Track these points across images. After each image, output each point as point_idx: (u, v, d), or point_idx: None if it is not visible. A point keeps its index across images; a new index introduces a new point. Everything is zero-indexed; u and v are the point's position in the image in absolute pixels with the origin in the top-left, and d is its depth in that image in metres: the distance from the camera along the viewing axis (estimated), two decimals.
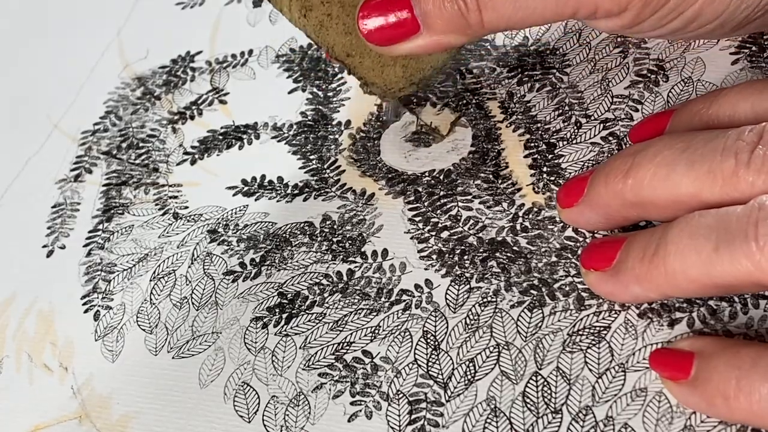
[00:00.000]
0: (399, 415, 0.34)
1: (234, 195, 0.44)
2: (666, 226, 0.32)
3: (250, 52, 0.50)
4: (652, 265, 0.32)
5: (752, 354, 0.30)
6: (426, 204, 0.40)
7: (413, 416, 0.34)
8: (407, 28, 0.37)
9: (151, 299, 0.41)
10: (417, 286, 0.38)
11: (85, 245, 0.44)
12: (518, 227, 0.38)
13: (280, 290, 0.39)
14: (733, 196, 0.31)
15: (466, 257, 0.38)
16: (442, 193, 0.41)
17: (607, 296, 0.35)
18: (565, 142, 0.41)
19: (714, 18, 0.36)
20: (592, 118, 0.41)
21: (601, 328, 0.35)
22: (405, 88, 0.41)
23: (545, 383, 0.34)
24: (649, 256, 0.32)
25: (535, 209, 0.39)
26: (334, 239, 0.40)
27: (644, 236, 0.33)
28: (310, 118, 0.46)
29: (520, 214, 0.39)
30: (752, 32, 0.40)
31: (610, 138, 0.40)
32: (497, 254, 0.38)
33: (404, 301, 0.37)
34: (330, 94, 0.47)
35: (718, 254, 0.30)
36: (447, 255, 0.38)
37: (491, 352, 0.35)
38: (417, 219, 0.40)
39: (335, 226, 0.41)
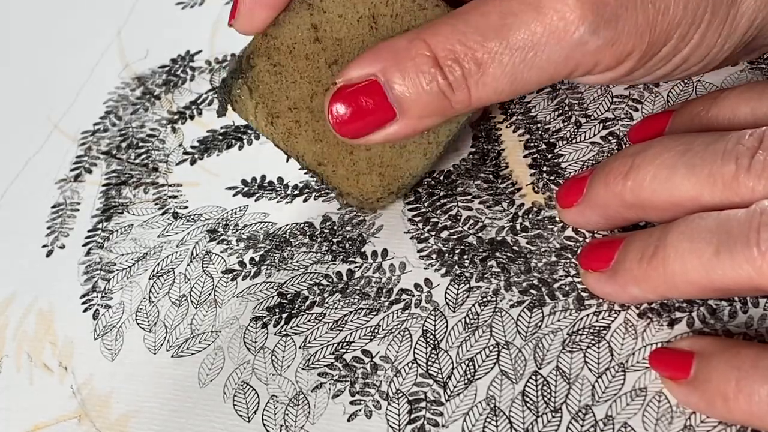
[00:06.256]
0: (399, 415, 0.34)
1: (234, 195, 0.44)
2: (665, 227, 0.32)
3: None
4: (650, 266, 0.32)
5: (752, 355, 0.30)
6: (426, 204, 0.40)
7: (413, 415, 0.34)
8: (380, 115, 0.35)
9: (150, 297, 0.41)
10: (417, 286, 0.38)
11: (85, 244, 0.44)
12: (518, 227, 0.38)
13: (280, 290, 0.39)
14: (733, 200, 0.31)
15: (465, 257, 0.38)
16: (442, 193, 0.41)
17: (605, 297, 0.35)
18: (564, 142, 0.41)
19: (699, 61, 0.37)
20: (592, 117, 0.41)
21: (601, 328, 0.35)
22: (383, 198, 0.40)
23: (545, 382, 0.34)
24: (648, 258, 0.32)
25: (535, 209, 0.39)
26: (334, 240, 0.40)
27: (642, 237, 0.33)
28: None
29: (520, 213, 0.39)
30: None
31: (610, 137, 0.40)
32: (497, 254, 0.38)
33: (404, 300, 0.37)
34: None
35: (718, 258, 0.30)
36: (447, 254, 0.38)
37: (491, 352, 0.35)
38: (417, 219, 0.40)
39: (335, 227, 0.41)
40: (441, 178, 0.41)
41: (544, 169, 0.40)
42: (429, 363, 0.35)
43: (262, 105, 0.37)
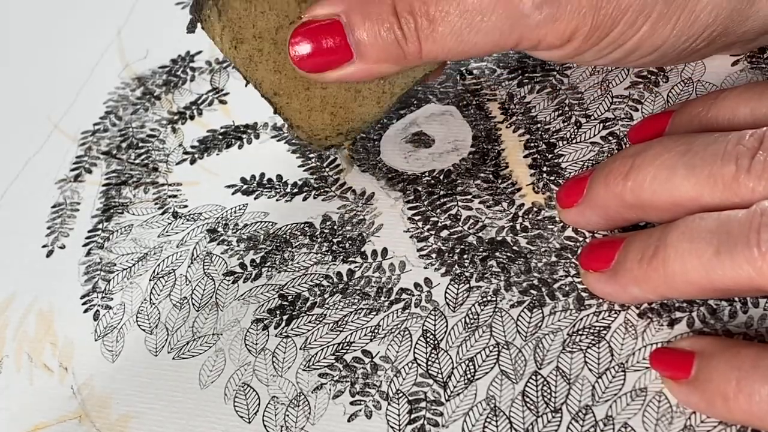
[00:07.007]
0: (399, 415, 0.34)
1: (233, 193, 0.44)
2: (665, 227, 0.32)
3: None
4: (651, 267, 0.32)
5: (753, 355, 0.30)
6: (426, 203, 0.40)
7: (413, 416, 0.34)
8: (339, 55, 0.36)
9: (150, 299, 0.41)
10: (417, 285, 0.38)
11: (85, 245, 0.44)
12: (518, 227, 0.38)
13: (281, 292, 0.39)
14: (733, 201, 0.31)
15: (465, 256, 0.38)
16: (441, 192, 0.41)
17: (605, 297, 0.35)
18: (564, 142, 0.41)
19: (654, 50, 0.37)
20: (592, 117, 0.41)
21: (601, 328, 0.35)
22: (331, 137, 0.40)
23: (545, 383, 0.34)
24: (648, 258, 0.32)
25: (535, 209, 0.39)
26: (335, 240, 0.40)
27: (642, 237, 0.33)
28: None
29: (520, 213, 0.39)
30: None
31: (610, 137, 0.40)
32: (497, 254, 0.38)
33: (404, 300, 0.37)
34: None
35: (719, 259, 0.30)
36: (447, 254, 0.38)
37: (491, 352, 0.35)
38: (417, 218, 0.40)
39: (335, 227, 0.41)
40: (441, 177, 0.41)
41: (544, 169, 0.40)
42: (429, 363, 0.35)
43: (229, 29, 0.38)
